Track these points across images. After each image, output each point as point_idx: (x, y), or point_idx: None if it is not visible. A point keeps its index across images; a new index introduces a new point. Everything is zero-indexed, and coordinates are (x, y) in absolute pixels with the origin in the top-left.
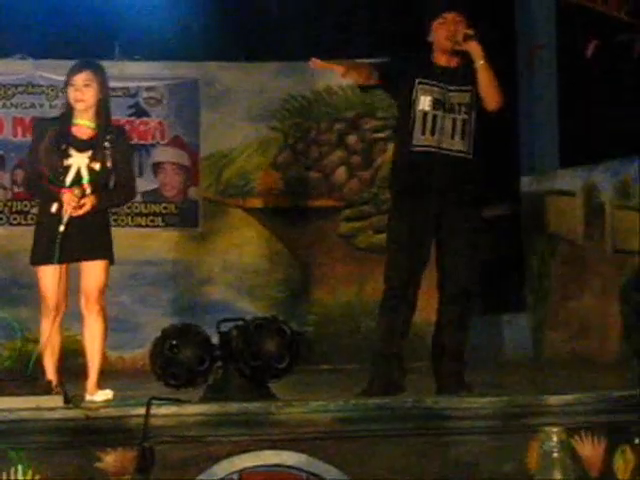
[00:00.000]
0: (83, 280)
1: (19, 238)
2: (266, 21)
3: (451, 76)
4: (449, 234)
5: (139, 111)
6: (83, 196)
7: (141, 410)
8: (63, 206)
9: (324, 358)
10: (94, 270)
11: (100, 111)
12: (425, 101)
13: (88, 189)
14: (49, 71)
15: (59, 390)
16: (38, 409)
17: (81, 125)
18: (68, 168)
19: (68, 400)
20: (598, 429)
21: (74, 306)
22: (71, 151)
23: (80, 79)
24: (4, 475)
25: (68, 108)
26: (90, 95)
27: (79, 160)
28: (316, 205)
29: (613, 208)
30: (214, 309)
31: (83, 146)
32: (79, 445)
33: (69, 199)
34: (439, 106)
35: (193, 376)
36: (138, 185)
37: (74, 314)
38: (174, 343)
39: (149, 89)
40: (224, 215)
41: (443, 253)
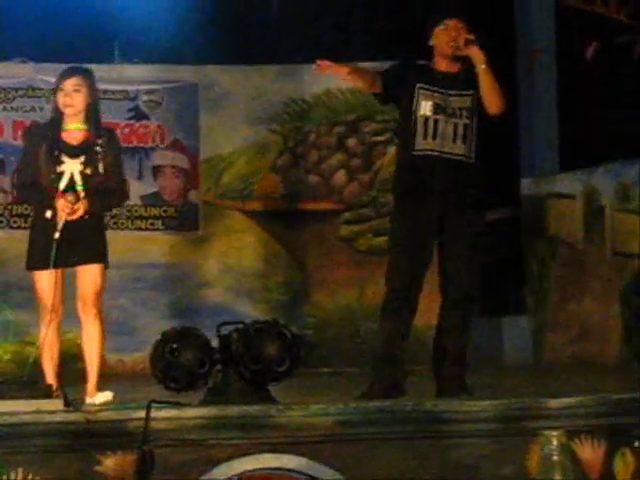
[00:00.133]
0: (79, 284)
1: (19, 241)
2: (265, 24)
3: (452, 81)
4: (451, 238)
5: (138, 114)
6: (77, 201)
7: (141, 413)
8: (57, 212)
9: (324, 361)
10: (90, 274)
11: (90, 115)
12: (426, 106)
13: (82, 194)
14: (49, 75)
15: (59, 393)
16: (38, 412)
17: (72, 130)
18: (61, 174)
19: (68, 403)
20: (598, 432)
21: (74, 310)
22: (63, 157)
23: (69, 84)
24: (4, 477)
25: (57, 113)
26: (80, 100)
27: (72, 166)
28: (316, 208)
29: (613, 211)
30: (214, 312)
31: (75, 152)
32: (79, 448)
33: (63, 205)
34: (440, 111)
35: (193, 379)
36: (138, 188)
37: (74, 318)
38: (174, 346)
39: (149, 92)
40: (224, 218)
41: (445, 257)
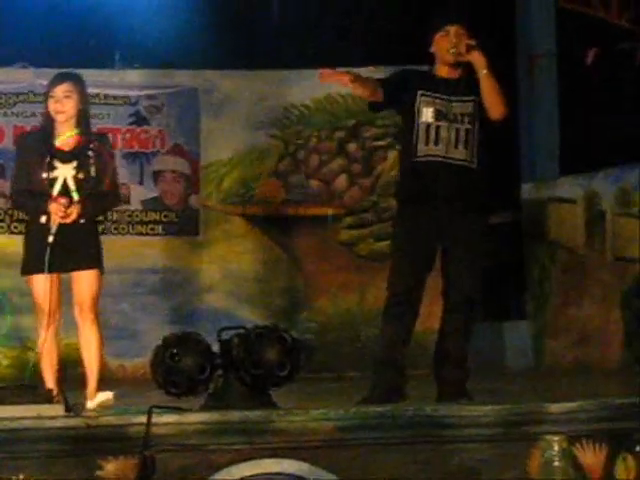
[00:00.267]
0: (75, 290)
1: (20, 246)
2: (266, 29)
3: (453, 87)
4: (453, 242)
5: (139, 119)
6: (70, 205)
7: (142, 418)
8: (51, 217)
9: (325, 366)
10: (86, 280)
11: (81, 121)
12: (428, 113)
13: (75, 198)
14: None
15: (60, 399)
16: (39, 418)
17: (63, 137)
18: (54, 180)
19: (69, 408)
20: (599, 437)
21: (74, 316)
22: (56, 163)
23: (60, 90)
24: None
25: (48, 120)
26: (70, 106)
27: (65, 171)
28: (317, 213)
29: (614, 216)
30: (215, 317)
31: (67, 157)
32: (80, 453)
33: (56, 209)
34: (442, 117)
35: (194, 384)
36: (139, 193)
37: (74, 324)
38: (175, 351)
39: (149, 97)
40: (224, 223)
41: (447, 261)
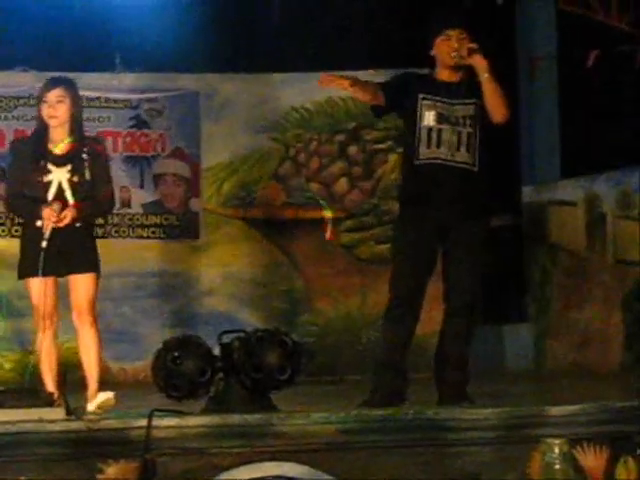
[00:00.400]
0: (72, 294)
1: None
2: (266, 32)
3: (455, 90)
4: (455, 245)
5: (140, 123)
6: (63, 209)
7: (143, 422)
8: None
9: (325, 369)
10: (82, 283)
11: (74, 126)
12: (429, 116)
13: (70, 202)
14: None
15: (61, 402)
16: (40, 421)
17: (58, 142)
18: (49, 184)
19: (70, 412)
20: (600, 440)
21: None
22: (50, 167)
23: (53, 95)
24: None
25: (42, 125)
26: (63, 111)
27: (59, 175)
28: (317, 216)
29: (614, 218)
30: (215, 320)
31: (61, 161)
32: (81, 457)
33: (48, 214)
34: (443, 120)
35: (195, 388)
36: (139, 197)
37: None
38: (176, 355)
39: (150, 101)
40: (225, 226)
41: (448, 264)
